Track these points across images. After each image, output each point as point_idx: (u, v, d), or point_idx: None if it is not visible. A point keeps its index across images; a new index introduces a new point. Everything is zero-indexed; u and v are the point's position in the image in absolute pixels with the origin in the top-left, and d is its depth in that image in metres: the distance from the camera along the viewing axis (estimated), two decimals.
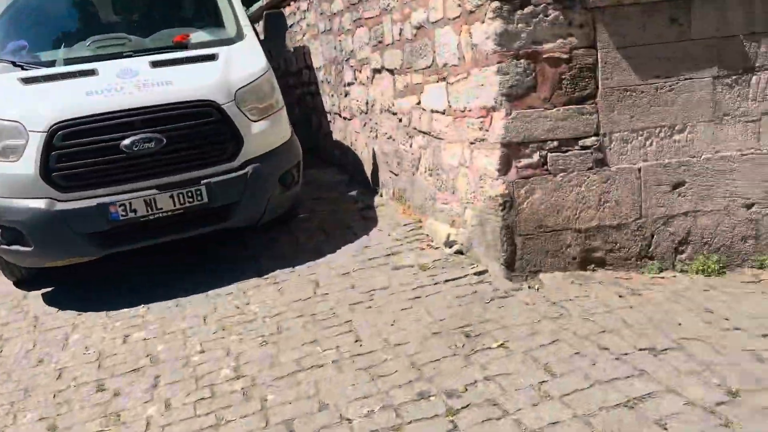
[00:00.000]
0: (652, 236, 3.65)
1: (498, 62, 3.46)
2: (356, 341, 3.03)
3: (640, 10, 3.49)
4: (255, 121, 4.13)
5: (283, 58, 8.46)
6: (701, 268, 3.60)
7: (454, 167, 4.12)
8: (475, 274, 3.67)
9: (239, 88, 4.12)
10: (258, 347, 3.13)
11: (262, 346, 3.14)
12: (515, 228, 3.56)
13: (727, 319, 2.92)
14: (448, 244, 4.08)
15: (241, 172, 4.04)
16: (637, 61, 3.52)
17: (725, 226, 3.68)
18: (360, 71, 5.80)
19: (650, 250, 3.66)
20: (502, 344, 2.82)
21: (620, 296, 3.24)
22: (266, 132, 4.19)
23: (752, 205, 3.67)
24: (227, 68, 4.23)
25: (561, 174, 3.56)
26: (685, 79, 3.56)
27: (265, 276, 4.06)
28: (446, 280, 3.62)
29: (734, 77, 3.58)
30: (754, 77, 3.59)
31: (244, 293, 3.85)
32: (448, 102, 4.12)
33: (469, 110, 3.84)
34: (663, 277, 3.55)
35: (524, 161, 3.53)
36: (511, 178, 3.54)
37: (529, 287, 3.45)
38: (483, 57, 3.58)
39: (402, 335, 3.03)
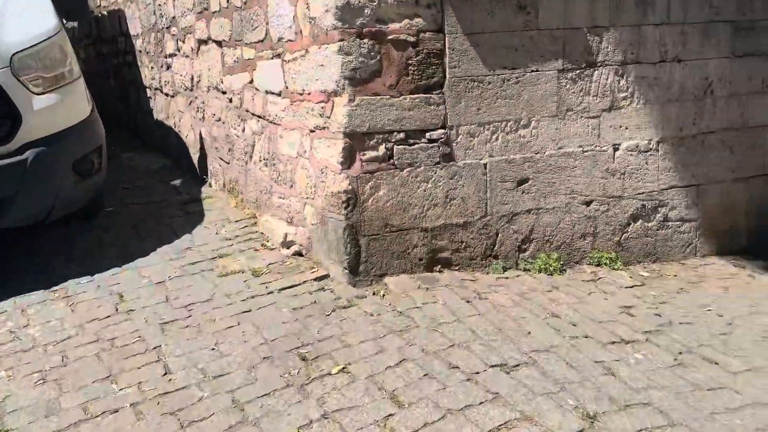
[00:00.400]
0: (497, 234, 3.50)
1: (339, 40, 3.04)
2: (165, 374, 2.46)
3: None
4: (39, 94, 3.29)
5: (95, 21, 7.31)
6: (543, 266, 3.52)
7: (293, 158, 3.64)
8: (315, 279, 3.24)
9: (17, 52, 3.26)
10: (33, 387, 2.43)
11: (38, 385, 2.44)
12: (360, 228, 3.19)
13: (574, 325, 2.81)
14: (286, 244, 3.60)
15: (18, 158, 3.19)
16: (485, 49, 3.31)
17: (566, 224, 3.63)
18: (183, 41, 5.05)
19: (495, 249, 3.51)
20: (343, 368, 2.43)
21: (468, 301, 3.01)
22: (55, 108, 3.36)
23: (591, 202, 3.67)
24: (1, 26, 3.32)
25: (408, 169, 3.24)
26: (532, 71, 3.42)
27: (54, 288, 3.27)
28: (282, 289, 3.15)
29: (578, 71, 3.52)
30: (596, 72, 3.56)
31: (23, 312, 3.05)
32: (285, 82, 3.62)
33: (308, 93, 3.37)
34: (507, 277, 3.41)
35: (369, 154, 3.16)
36: (355, 172, 3.15)
37: (374, 294, 3.10)
38: (323, 33, 3.13)
39: (225, 363, 2.51)
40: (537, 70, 3.43)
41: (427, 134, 3.26)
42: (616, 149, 3.68)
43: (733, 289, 3.43)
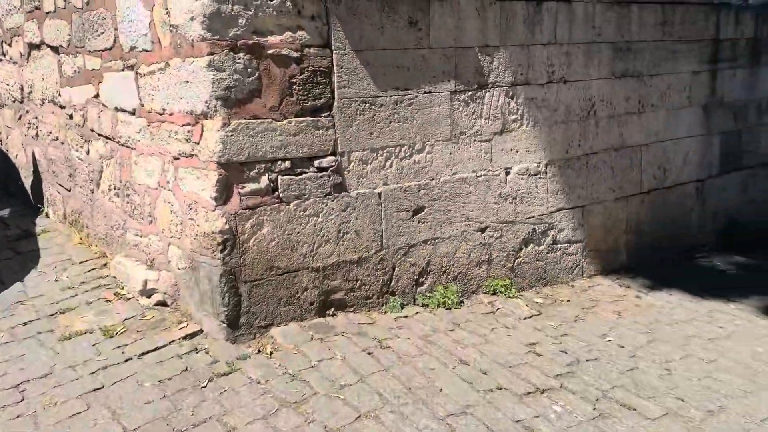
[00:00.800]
0: (394, 269, 3.20)
1: (209, 53, 2.56)
2: None
3: (378, 6, 2.96)
4: None
5: None
6: (442, 300, 3.28)
7: (152, 189, 3.07)
8: (185, 338, 2.72)
9: None
10: None
11: None
12: (240, 273, 2.72)
13: (485, 373, 2.57)
14: (146, 293, 3.02)
15: None
16: (376, 68, 2.99)
17: (462, 253, 3.42)
18: (10, 44, 4.21)
19: (392, 284, 3.20)
20: None
21: (369, 353, 2.67)
22: None
23: (485, 228, 3.49)
24: None
25: (295, 202, 2.83)
26: (425, 92, 3.16)
27: None
28: (143, 353, 2.59)
29: (470, 93, 3.32)
30: (488, 94, 3.38)
31: None
32: (140, 99, 3.05)
33: (170, 114, 2.84)
34: (406, 316, 3.12)
35: (249, 186, 2.70)
36: (232, 208, 2.67)
37: (259, 351, 2.65)
38: (187, 44, 2.63)
39: None
40: (430, 92, 3.17)
41: (316, 162, 2.87)
42: (507, 173, 3.54)
43: (625, 313, 3.42)
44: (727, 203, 4.75)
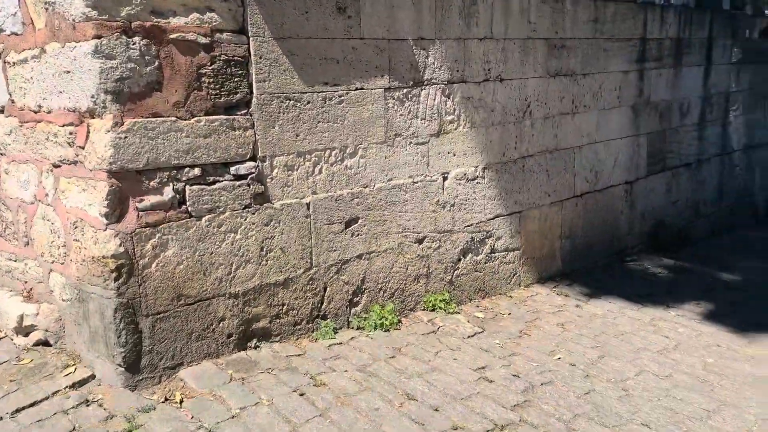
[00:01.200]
0: (325, 289, 2.82)
1: (96, 37, 2.07)
2: None
3: None
4: None
5: None
6: (378, 321, 2.95)
7: (27, 203, 2.52)
8: (72, 386, 2.21)
9: None
10: None
11: None
12: (139, 305, 2.24)
13: (437, 410, 2.25)
14: (22, 330, 2.47)
15: None
16: (302, 59, 2.60)
17: (399, 267, 3.10)
18: None
19: (323, 307, 2.83)
20: None
21: (301, 394, 2.28)
22: None
23: (423, 239, 3.18)
24: None
25: (208, 216, 2.38)
26: (356, 89, 2.81)
27: None
28: (17, 410, 2.07)
29: (405, 90, 2.99)
30: (423, 92, 3.07)
31: None
32: (9, 94, 2.50)
33: (48, 112, 2.32)
34: (341, 342, 2.76)
35: (150, 199, 2.23)
36: (128, 227, 2.19)
37: (166, 399, 2.20)
38: (68, 26, 2.12)
39: None
40: (362, 88, 2.82)
41: (233, 169, 2.44)
42: (445, 178, 3.25)
43: (569, 325, 3.23)
44: (653, 204, 4.74)
